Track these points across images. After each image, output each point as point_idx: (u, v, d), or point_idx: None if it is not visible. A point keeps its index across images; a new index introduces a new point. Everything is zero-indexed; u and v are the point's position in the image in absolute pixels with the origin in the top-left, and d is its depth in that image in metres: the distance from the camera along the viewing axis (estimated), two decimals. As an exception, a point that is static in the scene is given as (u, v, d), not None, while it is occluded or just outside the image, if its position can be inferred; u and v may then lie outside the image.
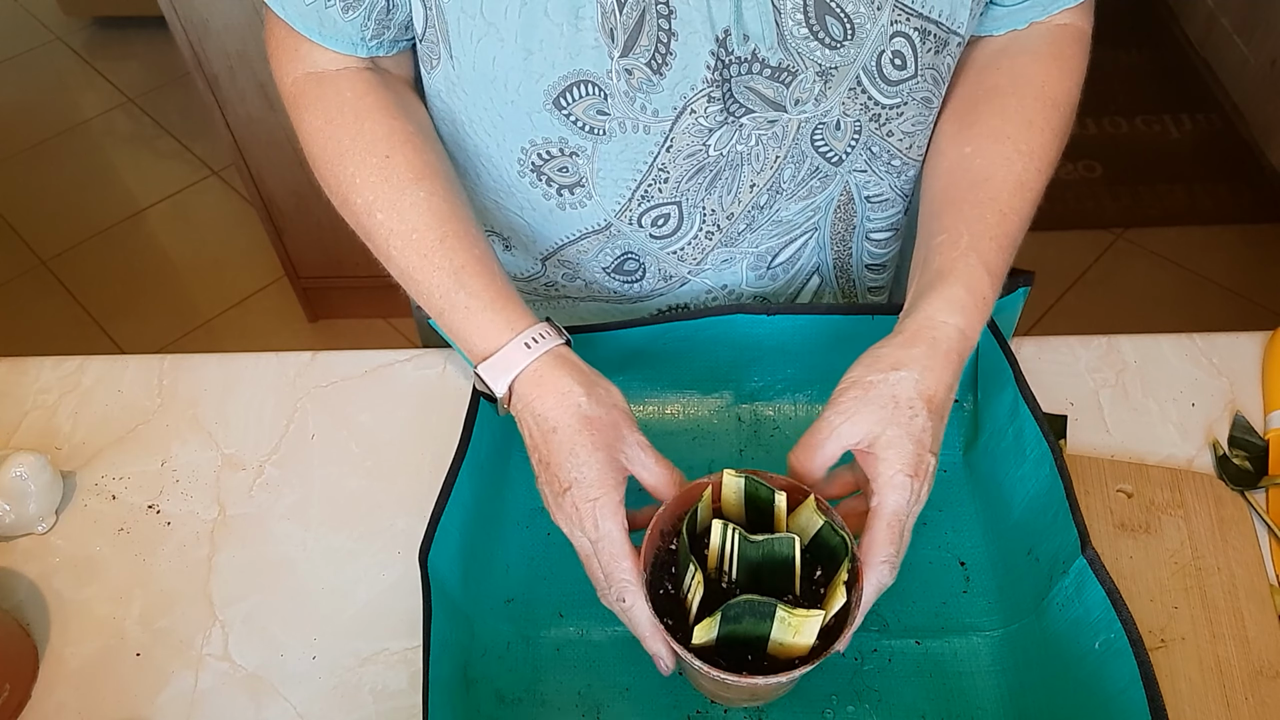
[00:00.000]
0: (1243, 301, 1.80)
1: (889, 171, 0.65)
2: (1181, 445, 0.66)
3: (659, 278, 0.69)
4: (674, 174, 0.61)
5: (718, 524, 0.50)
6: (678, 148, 0.59)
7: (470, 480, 0.58)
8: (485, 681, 0.56)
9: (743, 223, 0.65)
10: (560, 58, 0.54)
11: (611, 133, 0.58)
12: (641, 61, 0.54)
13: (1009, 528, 0.59)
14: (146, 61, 2.53)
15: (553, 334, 0.55)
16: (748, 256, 0.68)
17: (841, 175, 0.64)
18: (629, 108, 0.56)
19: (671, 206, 0.63)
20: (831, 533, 0.51)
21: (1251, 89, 2.12)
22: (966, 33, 0.58)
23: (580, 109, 0.57)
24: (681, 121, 0.57)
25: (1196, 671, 0.56)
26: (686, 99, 0.56)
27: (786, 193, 0.64)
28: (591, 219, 0.65)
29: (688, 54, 0.54)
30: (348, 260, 1.77)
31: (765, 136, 0.59)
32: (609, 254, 0.67)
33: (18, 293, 2.04)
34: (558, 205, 0.64)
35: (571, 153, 0.60)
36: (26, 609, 0.62)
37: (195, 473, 0.68)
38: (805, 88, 0.57)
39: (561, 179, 0.62)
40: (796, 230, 0.67)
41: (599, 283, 0.70)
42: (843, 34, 0.54)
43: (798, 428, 0.67)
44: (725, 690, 0.53)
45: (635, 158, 0.60)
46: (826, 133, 0.60)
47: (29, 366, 0.75)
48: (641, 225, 0.65)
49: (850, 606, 0.49)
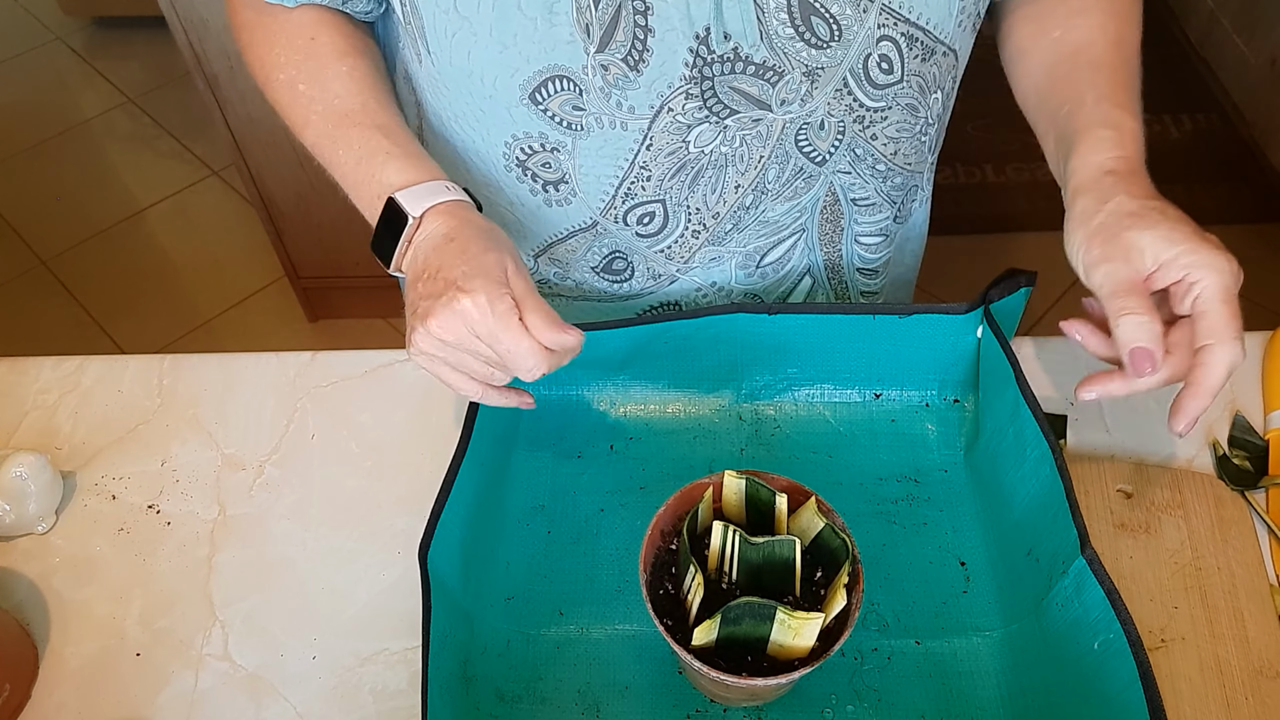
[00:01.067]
0: (1243, 301, 1.79)
1: (874, 175, 0.65)
2: (1181, 445, 0.66)
3: (648, 276, 0.69)
4: (655, 172, 0.61)
5: (718, 525, 0.50)
6: (658, 145, 0.59)
7: (470, 478, 0.58)
8: (485, 679, 0.56)
9: (729, 222, 0.65)
10: (535, 52, 0.54)
11: (590, 128, 0.58)
12: (617, 57, 0.54)
13: (1009, 528, 0.59)
14: (146, 61, 2.53)
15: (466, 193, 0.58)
16: (736, 256, 0.68)
17: (825, 176, 0.64)
18: (605, 104, 0.56)
19: (656, 205, 0.63)
20: (832, 535, 0.51)
21: (1251, 89, 2.12)
22: (954, 44, 0.58)
23: (556, 104, 0.57)
24: (660, 120, 0.58)
25: (1196, 671, 0.56)
26: (664, 97, 0.56)
27: (772, 193, 0.64)
28: (578, 216, 0.65)
29: (665, 51, 0.54)
30: (348, 260, 1.77)
31: (749, 136, 0.59)
32: (597, 252, 0.67)
33: (18, 293, 2.04)
34: (544, 201, 0.64)
35: (553, 148, 0.60)
36: (26, 609, 0.62)
37: (195, 473, 0.68)
38: (791, 88, 0.57)
39: (546, 175, 0.62)
40: (784, 231, 0.67)
41: (588, 282, 0.70)
42: (829, 35, 0.54)
43: (799, 427, 0.68)
44: (725, 690, 0.53)
45: (616, 154, 0.60)
46: (810, 133, 0.60)
47: (29, 366, 0.75)
48: (627, 223, 0.65)
49: (850, 609, 0.49)
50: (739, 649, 0.50)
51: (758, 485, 0.52)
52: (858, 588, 0.49)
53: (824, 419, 0.68)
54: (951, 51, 0.59)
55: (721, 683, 0.48)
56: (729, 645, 0.49)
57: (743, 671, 0.49)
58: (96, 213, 2.18)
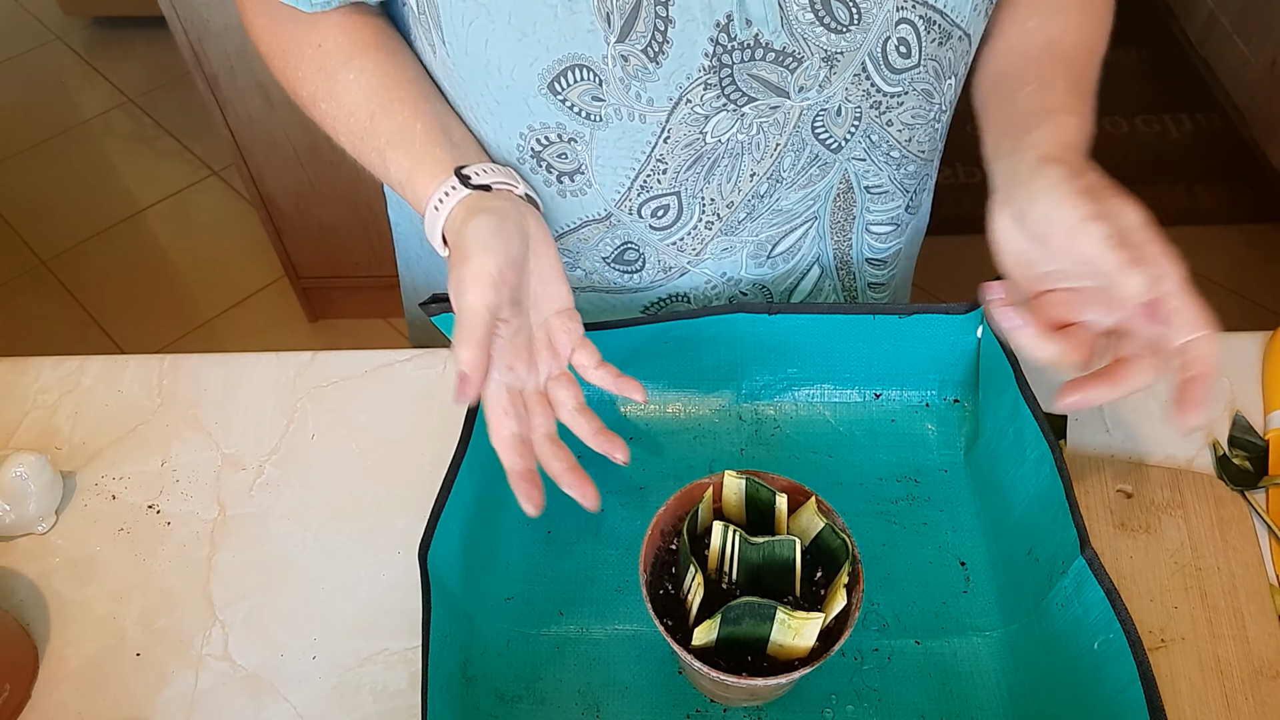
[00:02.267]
0: (1243, 301, 1.80)
1: (888, 163, 0.65)
2: (1181, 445, 0.66)
3: (658, 268, 0.69)
4: (672, 165, 0.61)
5: (718, 525, 0.50)
6: (675, 138, 0.59)
7: (470, 478, 0.58)
8: (485, 679, 0.56)
9: (742, 211, 0.65)
10: (554, 40, 0.54)
11: (608, 119, 0.58)
12: (637, 48, 0.54)
13: (1009, 528, 0.59)
14: (146, 61, 2.53)
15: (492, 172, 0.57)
16: (748, 245, 0.68)
17: (840, 163, 0.64)
18: (624, 95, 0.56)
19: (671, 197, 0.63)
20: (832, 535, 0.51)
21: (1251, 89, 2.13)
22: (969, 28, 0.59)
23: (575, 94, 0.57)
24: (678, 112, 0.57)
25: (1196, 671, 0.56)
26: (683, 89, 0.56)
27: (787, 181, 0.64)
28: (592, 207, 0.65)
29: (684, 42, 0.54)
30: (348, 260, 1.77)
31: (766, 124, 0.59)
32: (609, 244, 0.67)
33: (18, 293, 2.04)
34: (558, 192, 0.64)
35: (570, 139, 0.60)
36: (26, 609, 0.62)
37: (195, 473, 0.68)
38: (810, 74, 0.57)
39: (561, 165, 0.62)
40: (797, 219, 0.67)
41: (599, 272, 0.70)
42: (849, 19, 0.54)
43: (799, 427, 0.68)
44: (725, 690, 0.53)
45: (633, 146, 0.60)
46: (827, 119, 0.60)
47: (29, 366, 0.75)
48: (641, 216, 0.65)
49: (850, 608, 0.49)
50: (739, 649, 0.50)
51: (758, 485, 0.52)
52: (858, 588, 0.49)
53: (824, 419, 0.68)
54: (966, 36, 0.59)
55: (722, 683, 0.48)
56: (729, 645, 0.49)
57: (743, 671, 0.49)
58: (96, 213, 2.18)
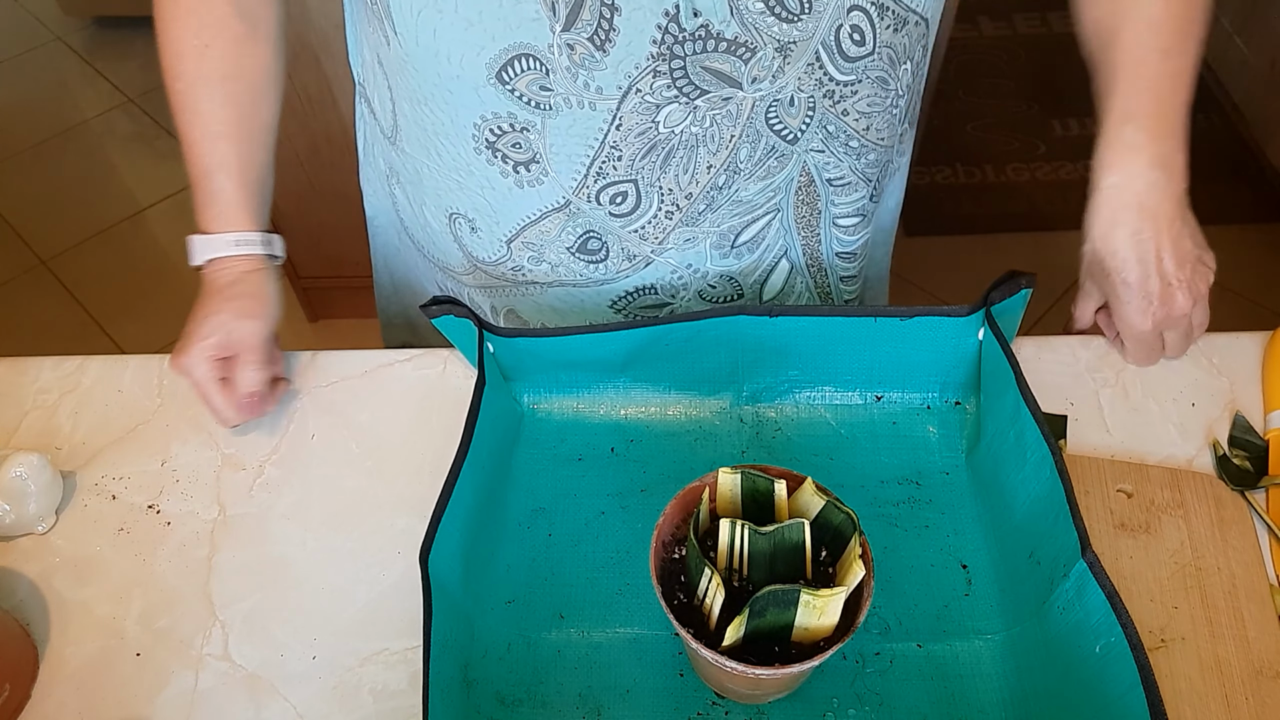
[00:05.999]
0: (1243, 301, 1.80)
1: (848, 153, 0.65)
2: (1181, 445, 0.66)
3: (623, 257, 0.69)
4: (627, 152, 0.61)
5: (725, 522, 0.50)
6: (628, 126, 0.59)
7: (471, 480, 0.58)
8: (485, 683, 0.56)
9: (702, 203, 0.65)
10: (500, 29, 0.54)
11: (558, 108, 0.58)
12: (583, 36, 0.54)
13: (1010, 531, 0.59)
14: (146, 61, 2.53)
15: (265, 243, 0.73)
16: (710, 236, 0.68)
17: (798, 155, 0.64)
18: (572, 84, 0.56)
19: (628, 184, 0.63)
20: (835, 510, 0.50)
21: (1251, 89, 2.13)
22: (927, 13, 0.58)
23: (523, 83, 0.57)
24: (629, 100, 0.57)
25: (1196, 671, 0.56)
26: (632, 78, 0.56)
27: (744, 173, 0.64)
28: (550, 196, 0.65)
29: (631, 30, 0.54)
30: (348, 260, 1.76)
31: (719, 116, 0.59)
32: (571, 233, 0.67)
33: (18, 293, 2.04)
34: (515, 183, 0.64)
35: (522, 128, 0.60)
36: (26, 609, 0.62)
37: (195, 473, 0.68)
38: (764, 64, 0.57)
39: (516, 155, 0.62)
40: (758, 210, 0.67)
41: (564, 264, 0.70)
42: (799, 7, 0.54)
43: (800, 429, 0.68)
44: (756, 687, 0.52)
45: (586, 134, 0.60)
46: (780, 110, 0.60)
47: (29, 366, 0.75)
48: (600, 203, 0.65)
49: (866, 579, 0.49)
50: (764, 642, 0.49)
51: (754, 476, 0.52)
52: (868, 555, 0.49)
53: (825, 421, 0.68)
54: (923, 20, 0.59)
55: (756, 679, 0.48)
56: (754, 640, 0.49)
57: (775, 662, 0.48)
58: (96, 213, 2.18)
